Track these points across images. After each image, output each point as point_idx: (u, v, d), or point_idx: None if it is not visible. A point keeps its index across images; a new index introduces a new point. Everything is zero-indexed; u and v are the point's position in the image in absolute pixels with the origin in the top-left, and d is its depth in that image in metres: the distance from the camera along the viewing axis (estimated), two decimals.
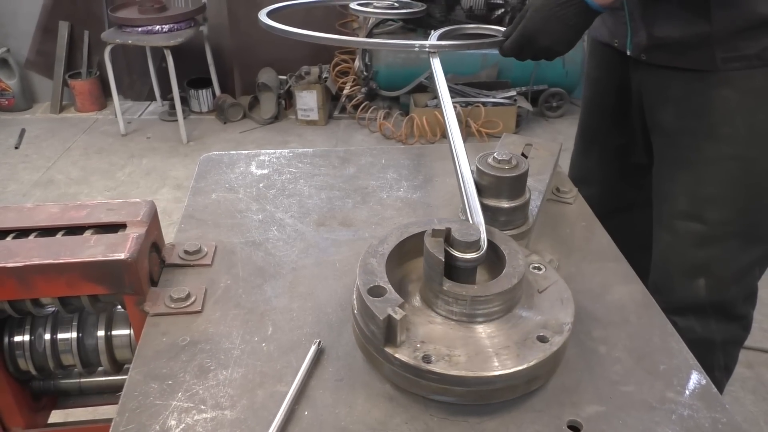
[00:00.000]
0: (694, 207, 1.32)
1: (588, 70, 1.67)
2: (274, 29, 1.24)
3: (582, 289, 0.87)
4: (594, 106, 1.63)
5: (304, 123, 4.43)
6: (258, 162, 1.23)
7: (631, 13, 1.34)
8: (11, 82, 4.63)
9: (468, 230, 0.73)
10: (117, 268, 0.79)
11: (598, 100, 1.61)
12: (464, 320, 0.71)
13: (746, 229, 1.31)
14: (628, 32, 1.36)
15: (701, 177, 1.31)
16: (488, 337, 0.69)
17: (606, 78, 1.55)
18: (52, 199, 3.46)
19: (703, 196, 1.31)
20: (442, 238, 0.72)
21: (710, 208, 1.30)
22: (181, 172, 3.80)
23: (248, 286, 0.88)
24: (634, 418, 0.68)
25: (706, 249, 1.32)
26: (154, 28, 3.98)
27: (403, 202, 1.09)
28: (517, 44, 1.23)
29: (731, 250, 1.32)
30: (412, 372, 0.66)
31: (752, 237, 1.33)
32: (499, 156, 0.90)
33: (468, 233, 0.72)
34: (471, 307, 0.70)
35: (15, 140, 4.22)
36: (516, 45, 1.23)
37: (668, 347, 0.78)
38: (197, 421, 0.67)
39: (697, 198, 1.32)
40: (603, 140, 1.62)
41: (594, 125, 1.64)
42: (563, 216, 1.06)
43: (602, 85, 1.58)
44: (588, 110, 1.66)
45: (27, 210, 0.90)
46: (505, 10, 4.02)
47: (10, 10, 4.60)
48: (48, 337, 0.88)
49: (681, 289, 1.36)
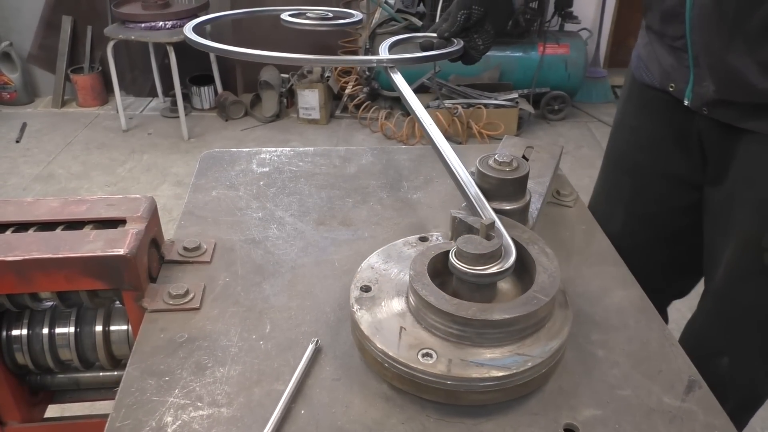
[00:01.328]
0: (726, 285, 1.16)
1: (622, 117, 1.37)
2: (198, 44, 1.15)
3: (581, 293, 0.87)
4: (628, 161, 1.33)
5: (306, 122, 4.43)
6: (259, 160, 1.23)
7: (696, 57, 1.09)
8: (13, 75, 4.63)
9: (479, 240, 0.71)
10: (116, 263, 0.79)
11: (635, 155, 1.30)
12: None
13: None
14: (690, 78, 1.12)
15: (754, 251, 1.09)
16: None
17: (653, 128, 1.28)
18: (53, 194, 3.46)
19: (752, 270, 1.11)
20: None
21: (742, 288, 1.14)
22: (181, 168, 3.80)
23: (247, 284, 0.88)
24: (631, 423, 0.68)
25: (736, 329, 1.18)
26: (157, 24, 3.98)
27: (403, 202, 1.09)
28: (459, 26, 1.15)
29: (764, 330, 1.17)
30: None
31: None
32: (500, 158, 0.90)
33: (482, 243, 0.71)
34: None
35: (16, 134, 4.22)
36: (458, 26, 1.16)
37: (666, 352, 0.78)
38: (193, 418, 0.67)
39: (730, 273, 1.14)
40: (630, 200, 1.34)
41: (627, 183, 1.34)
42: (563, 219, 1.06)
43: (645, 136, 1.29)
44: (620, 167, 1.36)
45: (27, 204, 0.90)
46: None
47: (13, 5, 4.60)
48: (46, 331, 0.88)
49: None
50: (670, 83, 1.18)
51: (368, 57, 1.11)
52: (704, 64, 1.08)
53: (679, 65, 1.14)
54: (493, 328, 0.67)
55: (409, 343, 0.68)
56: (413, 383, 0.67)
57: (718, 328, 1.22)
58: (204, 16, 1.28)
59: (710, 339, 1.23)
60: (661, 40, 1.19)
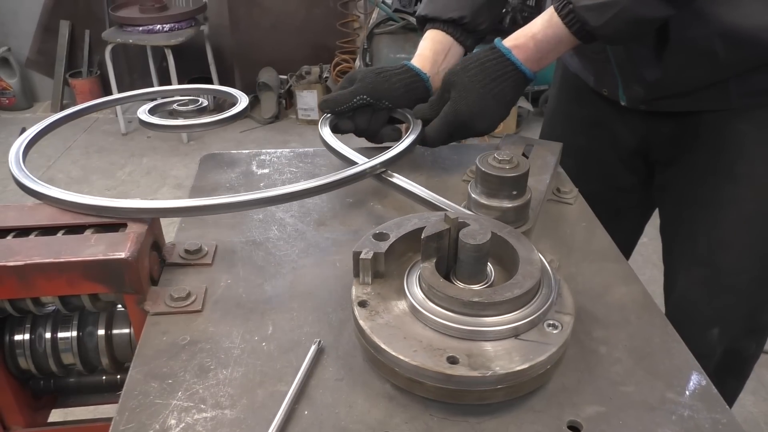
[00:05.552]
0: (711, 252, 1.19)
1: (557, 104, 1.42)
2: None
3: (582, 290, 0.87)
4: (568, 146, 1.29)
5: (305, 122, 4.44)
6: (258, 161, 1.23)
7: (620, 66, 1.16)
8: (12, 81, 4.63)
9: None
10: (117, 267, 0.79)
11: (570, 140, 1.25)
12: None
13: (764, 274, 1.20)
14: (619, 84, 1.18)
15: (718, 219, 1.17)
16: None
17: (589, 116, 1.31)
18: None
19: (719, 240, 1.18)
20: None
21: (726, 254, 1.18)
22: (181, 171, 3.80)
23: (248, 286, 0.88)
24: (634, 419, 0.68)
25: (722, 297, 1.21)
26: (155, 27, 3.99)
27: (403, 202, 1.09)
28: (446, 133, 1.05)
29: (748, 295, 1.21)
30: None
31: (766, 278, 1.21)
32: (500, 156, 0.90)
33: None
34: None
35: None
36: (445, 134, 1.06)
37: (668, 348, 0.78)
38: (197, 420, 0.67)
39: (713, 242, 1.19)
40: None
41: (569, 163, 1.32)
42: (564, 216, 1.06)
43: (582, 123, 1.33)
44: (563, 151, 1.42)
45: (27, 209, 0.90)
46: (506, 10, 4.02)
47: (11, 9, 4.61)
48: (48, 336, 0.88)
49: (694, 340, 1.26)
50: (602, 88, 1.23)
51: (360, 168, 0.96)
52: (629, 73, 1.12)
53: (605, 73, 1.18)
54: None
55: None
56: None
57: (707, 300, 1.23)
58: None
59: (699, 311, 1.23)
60: (582, 52, 1.23)
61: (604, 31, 0.95)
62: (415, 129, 1.08)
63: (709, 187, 1.17)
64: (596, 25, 0.94)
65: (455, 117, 1.03)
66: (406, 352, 0.66)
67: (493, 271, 0.77)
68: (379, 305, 0.72)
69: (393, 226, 0.78)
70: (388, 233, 0.77)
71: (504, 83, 1.01)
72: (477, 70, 1.02)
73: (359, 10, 4.46)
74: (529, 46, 1.01)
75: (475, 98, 1.01)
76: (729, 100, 1.11)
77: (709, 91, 1.11)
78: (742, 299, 1.21)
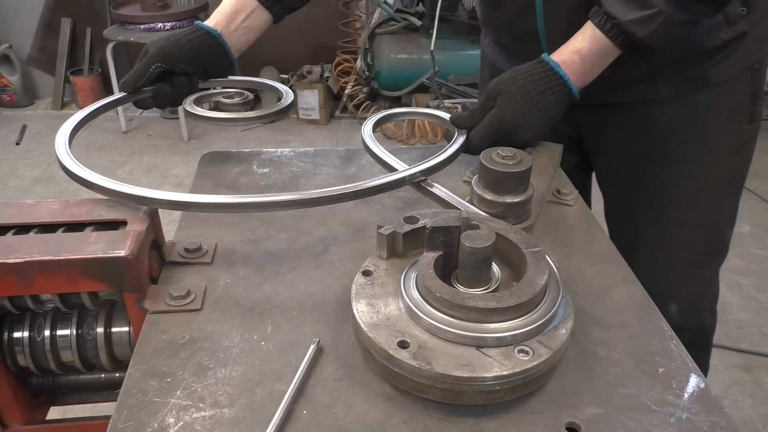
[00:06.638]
0: (659, 231, 1.26)
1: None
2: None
3: (582, 291, 0.87)
4: None
5: (306, 122, 4.44)
6: (259, 161, 1.23)
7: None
8: (13, 78, 4.63)
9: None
10: (117, 265, 0.79)
11: None
12: None
13: (709, 245, 1.27)
14: None
15: (661, 201, 1.23)
16: None
17: None
18: (53, 196, 3.46)
19: (665, 220, 1.25)
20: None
21: (674, 231, 1.24)
22: (181, 169, 3.80)
23: (248, 285, 0.88)
24: (633, 421, 0.68)
25: (674, 273, 1.27)
26: (156, 25, 3.99)
27: (403, 202, 1.09)
28: (490, 140, 1.03)
29: (697, 267, 1.28)
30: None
31: (715, 249, 1.30)
32: (503, 152, 0.92)
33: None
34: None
35: (16, 136, 4.23)
36: (488, 141, 1.03)
37: (668, 350, 0.78)
38: (195, 419, 0.67)
39: (660, 222, 1.25)
40: None
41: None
42: (564, 218, 1.06)
43: None
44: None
45: (27, 206, 0.90)
46: None
47: (12, 7, 4.61)
48: (47, 333, 0.88)
49: None
50: None
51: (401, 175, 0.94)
52: None
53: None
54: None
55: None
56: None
57: (659, 277, 1.25)
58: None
59: (654, 289, 1.26)
60: (516, 53, 1.25)
61: (651, 41, 1.00)
62: (459, 138, 1.07)
63: (646, 171, 1.24)
64: (643, 36, 0.99)
65: (500, 125, 1.03)
66: (371, 322, 0.70)
67: (500, 276, 0.76)
68: (379, 278, 0.76)
69: (429, 215, 0.79)
70: (419, 218, 0.79)
71: (551, 97, 1.02)
72: (526, 80, 1.03)
73: (361, 10, 4.46)
74: (574, 60, 1.03)
75: (522, 108, 1.01)
76: (657, 91, 1.18)
77: (638, 84, 1.18)
78: (693, 272, 1.28)
